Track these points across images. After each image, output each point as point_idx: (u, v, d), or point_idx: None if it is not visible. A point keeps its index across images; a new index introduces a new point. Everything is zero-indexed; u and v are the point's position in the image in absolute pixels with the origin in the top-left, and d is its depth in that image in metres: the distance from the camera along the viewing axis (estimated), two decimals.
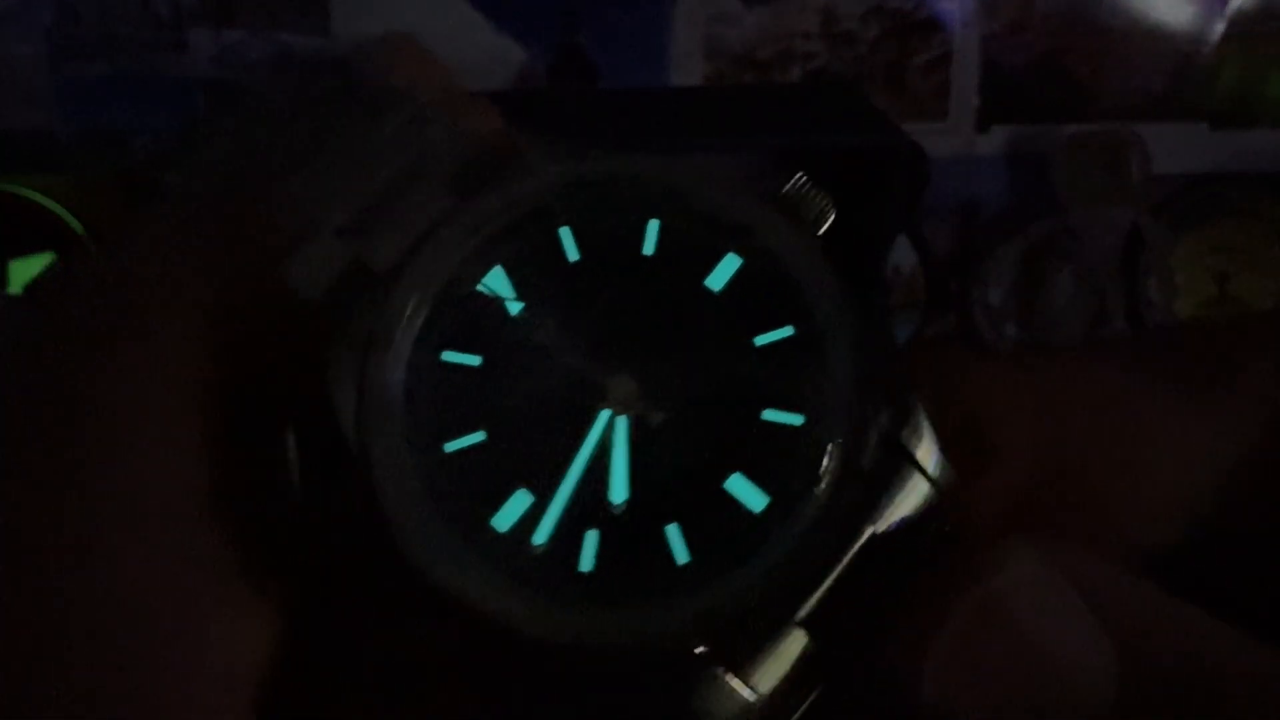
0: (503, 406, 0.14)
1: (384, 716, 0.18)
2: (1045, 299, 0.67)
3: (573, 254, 0.15)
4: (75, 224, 0.54)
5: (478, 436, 0.14)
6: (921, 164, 0.48)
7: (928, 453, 0.15)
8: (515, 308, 0.14)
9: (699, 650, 0.14)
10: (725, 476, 0.14)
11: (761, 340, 0.15)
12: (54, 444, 0.16)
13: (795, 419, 0.14)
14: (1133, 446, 0.18)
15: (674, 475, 0.14)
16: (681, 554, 0.14)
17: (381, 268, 0.14)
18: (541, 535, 0.14)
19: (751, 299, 0.15)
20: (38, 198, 0.54)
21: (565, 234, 0.15)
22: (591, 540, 0.14)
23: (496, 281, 0.14)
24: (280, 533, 0.16)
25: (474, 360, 0.14)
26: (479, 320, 0.14)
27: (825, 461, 0.14)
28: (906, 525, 0.15)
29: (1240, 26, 0.72)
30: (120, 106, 0.63)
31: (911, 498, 0.15)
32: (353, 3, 0.64)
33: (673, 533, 0.14)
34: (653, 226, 0.15)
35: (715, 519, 0.14)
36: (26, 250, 0.54)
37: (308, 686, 0.17)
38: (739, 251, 0.15)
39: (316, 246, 0.14)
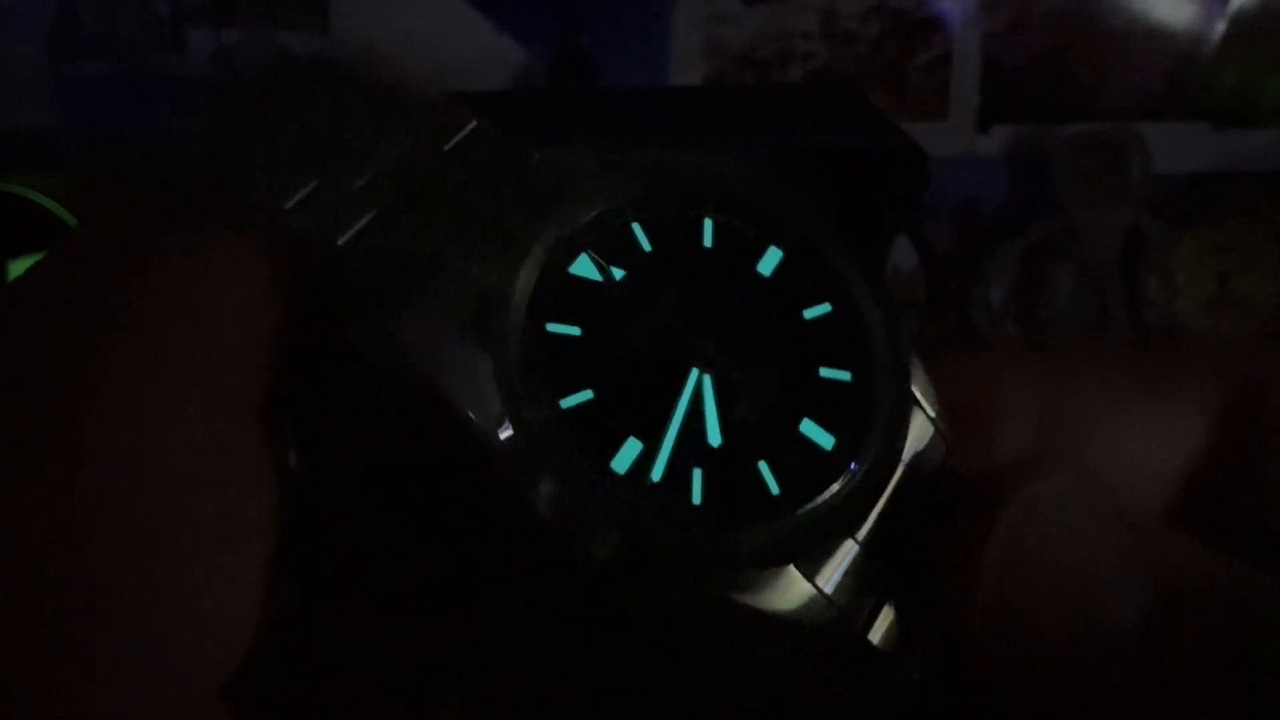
0: (604, 369, 0.16)
1: (382, 712, 0.18)
2: (1045, 299, 0.67)
3: (645, 245, 0.17)
4: (75, 224, 0.54)
5: (587, 394, 0.16)
6: (922, 164, 0.48)
7: (927, 396, 0.18)
8: (602, 288, 0.17)
9: (794, 568, 0.16)
10: (799, 421, 0.17)
11: (808, 314, 0.18)
12: (53, 441, 0.16)
13: (845, 375, 0.17)
14: (1127, 434, 0.19)
15: (757, 421, 0.17)
16: (774, 486, 0.17)
17: (465, 261, 0.16)
18: (657, 473, 0.16)
19: (795, 281, 0.18)
20: (37, 197, 0.54)
21: (637, 228, 0.17)
22: (698, 477, 0.16)
23: (584, 266, 0.17)
24: (282, 517, 0.16)
25: (575, 330, 0.17)
26: (574, 298, 0.17)
27: (875, 409, 0.17)
28: (928, 469, 0.18)
29: (1241, 26, 0.72)
30: (120, 106, 0.63)
31: (932, 451, 0.18)
32: (352, 3, 0.64)
33: (764, 468, 0.17)
34: (708, 224, 0.18)
35: (796, 456, 0.17)
36: (25, 250, 0.54)
37: (300, 678, 0.17)
38: (779, 244, 0.18)
39: (385, 239, 0.16)
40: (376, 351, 0.17)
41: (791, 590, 0.16)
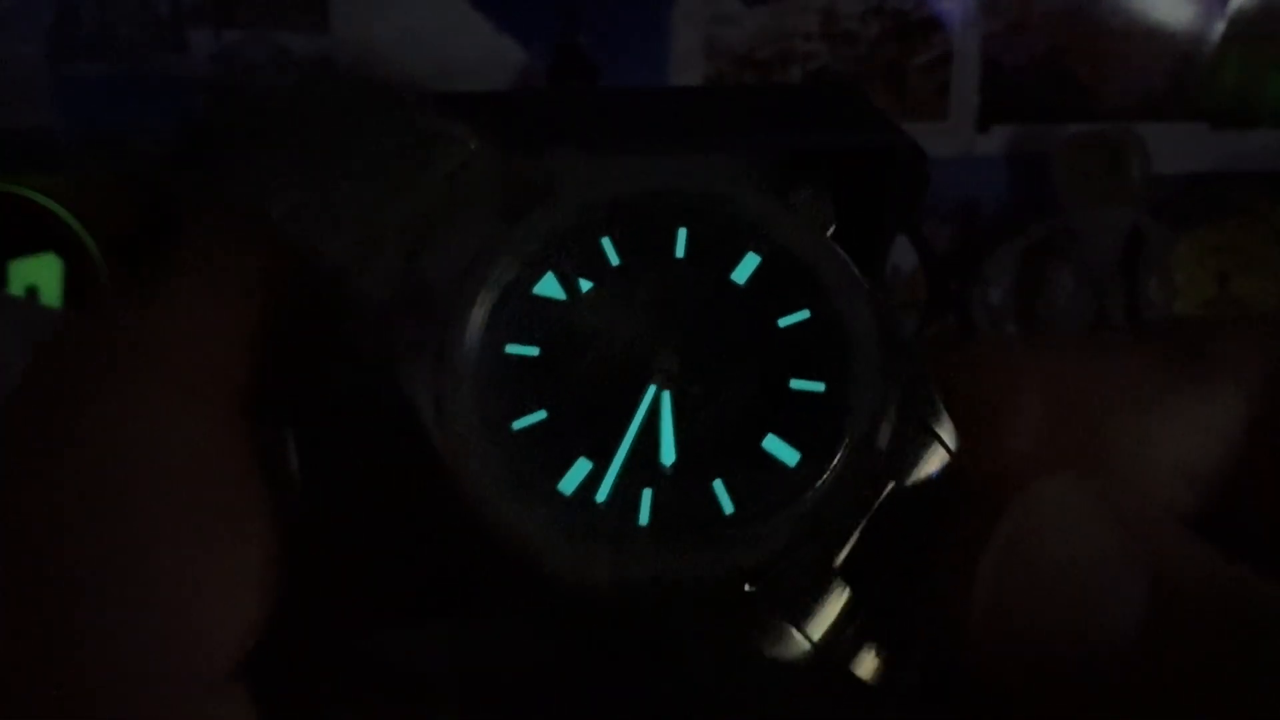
0: (560, 388, 0.17)
1: (381, 712, 0.18)
2: (1045, 299, 0.67)
3: (614, 259, 0.17)
4: (75, 224, 0.54)
5: (540, 415, 0.16)
6: (921, 164, 0.48)
7: (941, 421, 0.17)
8: (565, 306, 0.17)
9: (748, 589, 0.16)
10: (762, 437, 0.17)
11: (783, 321, 0.17)
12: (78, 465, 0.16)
13: (817, 386, 0.17)
14: (1155, 428, 0.18)
15: (716, 437, 0.17)
16: (727, 505, 0.16)
17: (444, 283, 0.17)
18: (602, 494, 0.16)
19: (771, 288, 0.17)
20: (37, 197, 0.54)
21: (606, 243, 0.17)
22: (647, 497, 0.16)
23: (549, 285, 0.17)
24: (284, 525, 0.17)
25: (533, 351, 0.17)
26: (535, 318, 0.17)
27: (847, 421, 0.17)
28: (926, 481, 0.17)
29: (1241, 26, 0.72)
30: (120, 106, 0.63)
31: (930, 462, 0.17)
32: (352, 3, 0.64)
33: (718, 487, 0.16)
34: (681, 233, 0.17)
35: (755, 474, 0.16)
36: (26, 250, 0.54)
37: (301, 678, 0.17)
38: (757, 250, 0.17)
39: (385, 274, 0.17)
40: (366, 368, 0.17)
41: (759, 622, 0.16)
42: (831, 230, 0.18)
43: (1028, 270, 0.68)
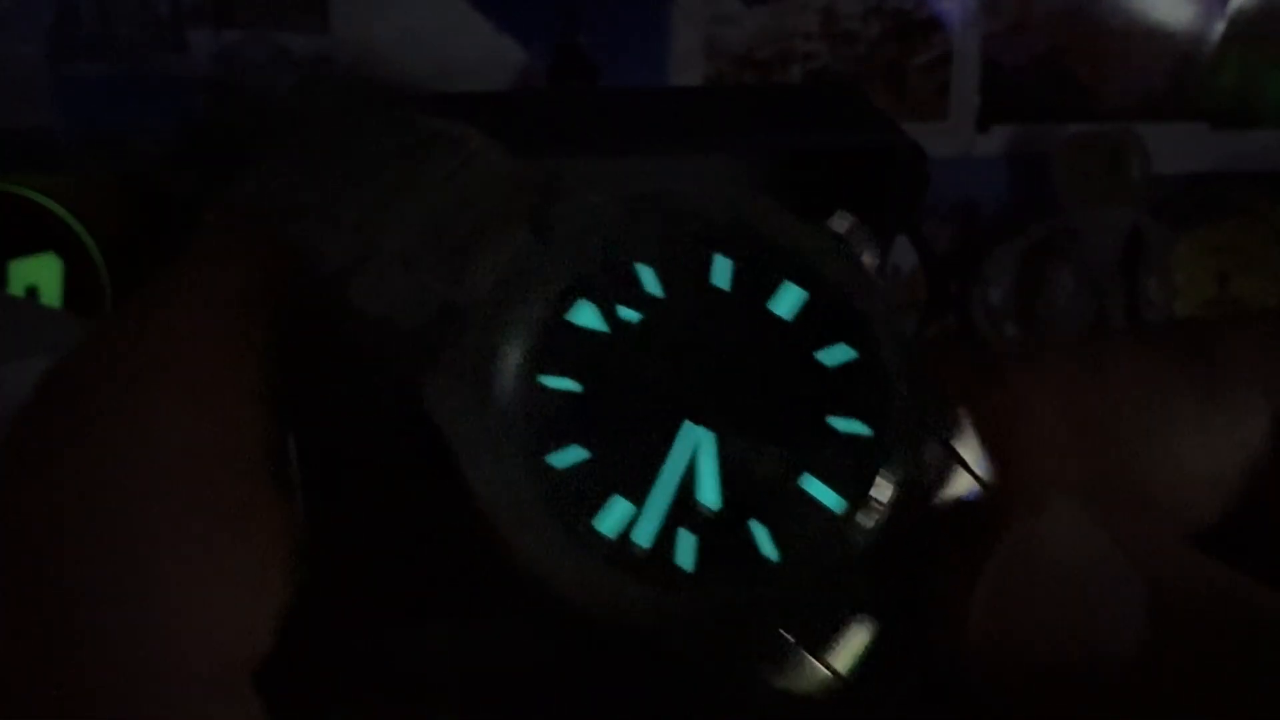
0: (597, 423, 0.16)
1: (382, 713, 0.18)
2: (1045, 299, 0.67)
3: (651, 286, 0.16)
4: (75, 224, 0.54)
5: (577, 450, 0.15)
6: (921, 164, 0.48)
7: (973, 454, 0.17)
8: (601, 335, 0.16)
9: (783, 634, 0.15)
10: (802, 479, 0.16)
11: (824, 358, 0.16)
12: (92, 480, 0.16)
13: (861, 428, 0.16)
14: (1182, 437, 0.18)
15: (758, 479, 0.16)
16: (770, 550, 0.15)
17: (470, 304, 0.16)
18: (642, 537, 0.15)
19: (817, 324, 0.16)
20: (37, 197, 0.54)
21: (646, 271, 0.16)
22: (688, 541, 0.15)
23: (587, 316, 0.16)
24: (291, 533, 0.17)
25: (568, 384, 0.16)
26: (574, 349, 0.16)
27: (891, 465, 0.16)
28: (954, 513, 0.16)
29: (1240, 26, 0.72)
30: (120, 106, 0.63)
31: (961, 494, 0.16)
32: (352, 3, 0.64)
33: (759, 531, 0.15)
34: (723, 263, 0.17)
35: (798, 519, 0.16)
36: (26, 250, 0.54)
37: (300, 678, 0.17)
38: (799, 281, 0.17)
39: (386, 278, 0.16)
40: (367, 372, 0.17)
41: (796, 666, 0.15)
42: (872, 260, 0.17)
43: (1028, 270, 0.68)
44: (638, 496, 0.15)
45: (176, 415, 0.16)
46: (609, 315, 0.16)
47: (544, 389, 0.16)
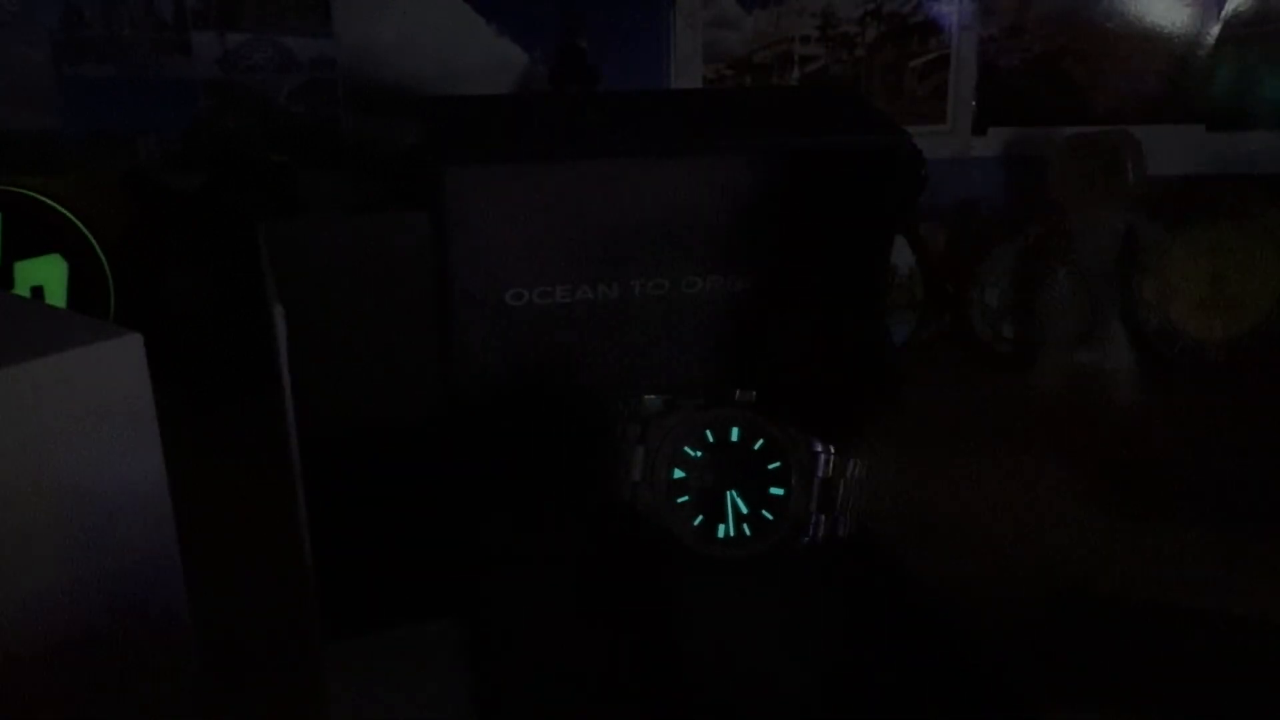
0: (695, 489, 0.41)
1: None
2: (1041, 300, 0.68)
3: (710, 439, 0.42)
4: (80, 225, 0.55)
5: (685, 497, 0.41)
6: (919, 166, 0.49)
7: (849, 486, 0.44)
8: (697, 458, 0.42)
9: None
10: (762, 505, 0.42)
11: (769, 464, 0.42)
12: None
13: (781, 491, 0.42)
14: None
15: (752, 510, 0.42)
16: (749, 534, 0.42)
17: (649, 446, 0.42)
18: (717, 529, 0.42)
19: (766, 452, 0.42)
20: (42, 199, 0.54)
21: (708, 433, 0.42)
22: (721, 529, 0.42)
23: (687, 452, 0.42)
24: None
25: (682, 474, 0.41)
26: (685, 463, 0.41)
27: (790, 507, 0.42)
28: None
29: (1236, 29, 0.73)
30: (124, 108, 0.64)
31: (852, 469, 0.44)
32: (354, 7, 0.65)
33: (747, 528, 0.42)
34: (736, 430, 0.42)
35: (760, 523, 0.42)
36: (32, 251, 0.55)
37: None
38: (763, 436, 0.42)
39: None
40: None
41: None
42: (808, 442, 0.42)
43: (1024, 271, 0.68)
44: (711, 515, 0.41)
45: None
46: (698, 448, 0.42)
47: (673, 478, 0.41)
